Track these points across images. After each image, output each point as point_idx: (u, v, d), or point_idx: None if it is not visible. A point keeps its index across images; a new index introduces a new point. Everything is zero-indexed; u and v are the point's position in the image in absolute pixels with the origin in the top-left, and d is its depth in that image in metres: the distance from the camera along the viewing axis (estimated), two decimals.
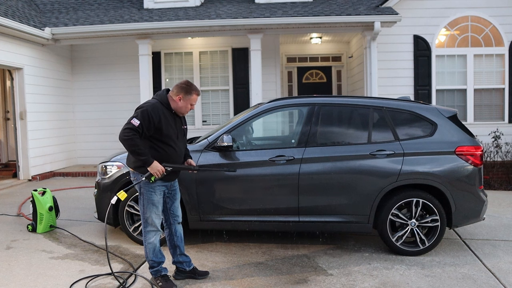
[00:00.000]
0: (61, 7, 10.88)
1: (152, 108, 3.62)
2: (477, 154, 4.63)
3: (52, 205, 5.48)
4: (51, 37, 9.13)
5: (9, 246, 4.90)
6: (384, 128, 4.72)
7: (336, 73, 12.41)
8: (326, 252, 4.74)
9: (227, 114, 10.60)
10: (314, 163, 4.61)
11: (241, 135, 5.03)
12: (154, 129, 3.61)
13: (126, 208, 4.84)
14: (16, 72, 8.86)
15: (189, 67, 10.69)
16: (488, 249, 4.87)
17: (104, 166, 5.10)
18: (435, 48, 9.54)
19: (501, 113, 9.57)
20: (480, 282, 3.98)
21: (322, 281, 3.98)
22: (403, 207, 4.66)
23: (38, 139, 9.30)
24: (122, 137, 3.55)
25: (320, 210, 4.63)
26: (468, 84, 9.55)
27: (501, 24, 9.41)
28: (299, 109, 5.24)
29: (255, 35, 9.12)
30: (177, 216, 3.98)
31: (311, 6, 9.65)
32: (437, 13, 9.49)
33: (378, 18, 8.65)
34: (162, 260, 3.86)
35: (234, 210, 4.72)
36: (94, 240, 5.10)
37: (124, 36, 9.29)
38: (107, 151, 8.71)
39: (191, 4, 10.30)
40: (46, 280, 3.98)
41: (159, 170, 3.59)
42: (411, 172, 4.55)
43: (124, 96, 10.40)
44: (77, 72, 10.88)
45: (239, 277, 4.07)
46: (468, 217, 4.71)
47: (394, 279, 4.02)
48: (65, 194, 7.72)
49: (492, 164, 9.09)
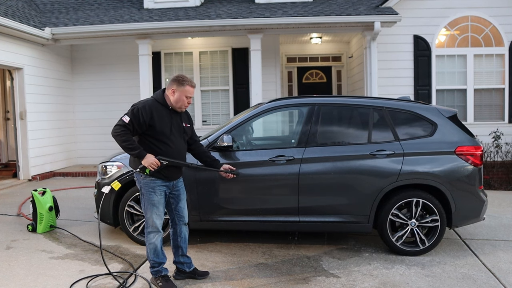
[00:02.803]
0: (61, 7, 10.88)
1: (144, 105, 3.64)
2: (477, 154, 4.63)
3: (52, 205, 5.48)
4: (51, 37, 9.13)
5: (9, 246, 4.90)
6: (384, 128, 4.72)
7: (336, 73, 12.42)
8: (326, 252, 4.74)
9: (227, 114, 10.60)
10: (314, 163, 4.61)
11: (241, 135, 5.03)
12: (146, 126, 3.62)
13: (126, 208, 4.85)
14: (16, 72, 8.86)
15: (189, 67, 10.69)
16: (488, 249, 4.87)
17: (104, 166, 5.10)
18: (435, 48, 9.54)
19: (501, 113, 9.57)
20: (480, 282, 3.98)
21: (322, 281, 3.98)
22: (403, 207, 4.66)
23: (38, 139, 9.31)
24: (113, 134, 3.59)
25: (320, 210, 4.63)
26: (468, 84, 9.55)
27: (501, 24, 9.41)
28: (299, 109, 5.24)
29: (255, 35, 9.12)
30: (183, 216, 3.96)
31: (311, 6, 9.66)
32: (437, 13, 9.49)
33: (378, 18, 8.65)
34: (163, 261, 3.85)
35: (234, 210, 4.72)
36: (94, 240, 5.10)
37: (124, 36, 9.29)
38: (107, 151, 8.70)
39: (191, 4, 10.30)
40: (46, 280, 3.98)
41: (153, 162, 3.58)
42: (411, 172, 4.55)
43: (124, 96, 10.39)
44: (77, 72, 10.88)
45: (239, 277, 4.06)
46: (468, 217, 4.71)
47: (394, 279, 4.02)
48: (65, 194, 7.72)
49: (492, 164, 9.09)
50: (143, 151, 3.60)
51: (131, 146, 3.58)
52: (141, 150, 3.59)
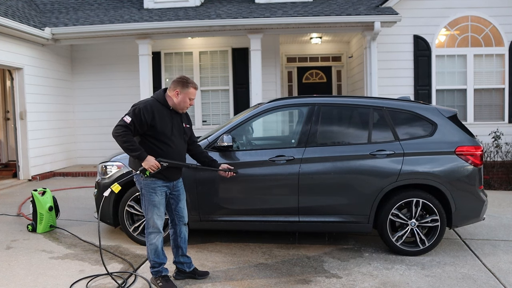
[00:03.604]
0: (61, 7, 10.88)
1: (145, 105, 3.63)
2: (477, 154, 4.63)
3: (52, 205, 5.48)
4: (51, 37, 9.13)
5: (9, 246, 4.90)
6: (384, 128, 4.72)
7: (336, 73, 12.42)
8: (326, 252, 4.74)
9: (227, 114, 10.60)
10: (314, 163, 4.61)
11: (241, 135, 5.03)
12: (147, 126, 3.62)
13: (126, 208, 4.85)
14: (16, 72, 8.86)
15: (189, 67, 10.69)
16: (488, 249, 4.87)
17: (104, 166, 5.10)
18: (435, 48, 9.54)
19: (501, 113, 9.57)
20: (480, 282, 3.98)
21: (322, 281, 3.98)
22: (403, 207, 4.66)
23: (38, 139, 9.30)
24: (114, 134, 3.58)
25: (320, 210, 4.63)
26: (468, 84, 9.55)
27: (501, 24, 9.41)
28: (299, 109, 5.24)
29: (255, 35, 9.12)
30: (183, 217, 3.96)
31: (311, 6, 9.66)
32: (437, 13, 9.48)
33: (378, 18, 8.65)
34: (163, 261, 3.85)
35: (234, 210, 4.72)
36: (94, 240, 5.10)
37: (124, 36, 9.29)
38: (107, 151, 8.70)
39: (191, 4, 10.30)
40: (46, 280, 3.98)
41: (153, 165, 3.58)
42: (411, 172, 4.54)
43: (124, 96, 10.39)
44: (77, 72, 10.88)
45: (239, 277, 4.06)
46: (468, 217, 4.71)
47: (394, 279, 4.02)
48: (65, 194, 7.72)
49: (492, 164, 9.09)
50: (144, 153, 3.59)
51: (132, 147, 3.57)
52: (142, 152, 3.58)
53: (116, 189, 3.64)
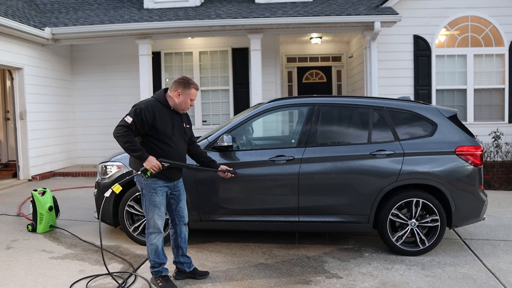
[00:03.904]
0: (61, 7, 10.88)
1: (146, 105, 3.63)
2: (477, 154, 4.63)
3: (52, 205, 5.48)
4: (51, 37, 9.13)
5: (9, 246, 4.90)
6: (384, 128, 4.72)
7: (336, 73, 12.42)
8: (326, 252, 4.74)
9: (227, 114, 10.60)
10: (314, 163, 4.61)
11: (241, 135, 5.03)
12: (149, 126, 3.61)
13: (126, 208, 4.85)
14: (16, 72, 8.86)
15: (189, 67, 10.69)
16: (488, 249, 4.87)
17: (104, 166, 5.10)
18: (435, 48, 9.54)
19: (501, 113, 9.57)
20: (480, 282, 3.98)
21: (322, 281, 3.98)
22: (403, 207, 4.66)
23: (38, 139, 9.30)
24: (115, 135, 3.57)
25: (320, 210, 4.63)
26: (468, 84, 9.55)
27: (501, 24, 9.41)
28: (299, 109, 5.24)
29: (255, 35, 9.12)
30: (183, 217, 3.96)
31: (311, 6, 9.66)
32: (437, 13, 9.48)
33: (378, 18, 8.65)
34: (163, 261, 3.85)
35: (234, 210, 4.72)
36: (94, 240, 5.10)
37: (124, 36, 9.29)
38: (107, 151, 8.70)
39: (191, 4, 10.30)
40: (46, 280, 3.98)
41: (155, 165, 3.58)
42: (411, 172, 4.55)
43: (124, 96, 10.39)
44: (77, 72, 10.88)
45: (239, 277, 4.06)
46: (468, 217, 4.71)
47: (394, 279, 4.02)
48: (65, 194, 7.72)
49: (492, 164, 9.09)
50: (145, 153, 3.59)
51: (134, 147, 3.56)
52: (143, 152, 3.58)
53: (117, 189, 3.64)
